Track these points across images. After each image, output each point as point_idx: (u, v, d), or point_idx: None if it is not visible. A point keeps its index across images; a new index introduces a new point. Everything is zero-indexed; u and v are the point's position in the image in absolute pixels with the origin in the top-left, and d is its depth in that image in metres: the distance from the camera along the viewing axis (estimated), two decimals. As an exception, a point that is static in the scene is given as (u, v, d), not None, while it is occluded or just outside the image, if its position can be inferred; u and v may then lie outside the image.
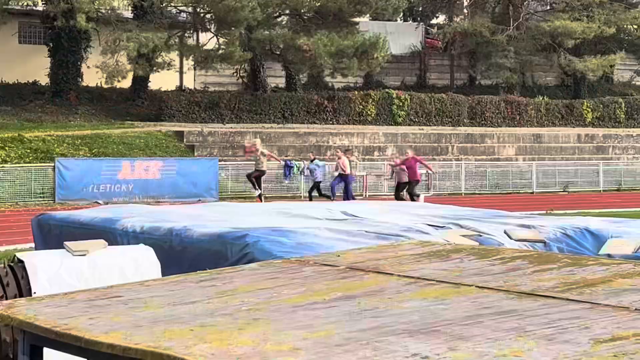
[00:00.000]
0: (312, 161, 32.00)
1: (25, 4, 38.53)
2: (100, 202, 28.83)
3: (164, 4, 39.76)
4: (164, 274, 9.60)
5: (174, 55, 40.93)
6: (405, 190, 29.98)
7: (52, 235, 12.44)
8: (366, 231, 10.94)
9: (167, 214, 12.69)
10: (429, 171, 33.21)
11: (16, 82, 42.08)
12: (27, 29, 43.33)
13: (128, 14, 41.04)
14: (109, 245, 9.67)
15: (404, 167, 29.89)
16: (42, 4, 39.11)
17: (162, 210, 13.92)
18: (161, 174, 31.24)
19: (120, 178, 30.75)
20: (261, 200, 26.32)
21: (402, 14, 47.85)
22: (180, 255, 10.60)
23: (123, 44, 36.62)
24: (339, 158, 30.48)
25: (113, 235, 11.24)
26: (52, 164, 29.86)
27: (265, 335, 2.97)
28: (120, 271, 9.19)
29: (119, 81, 38.77)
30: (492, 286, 3.61)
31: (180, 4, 40.61)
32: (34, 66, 41.79)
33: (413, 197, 29.10)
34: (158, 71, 39.78)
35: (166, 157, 33.51)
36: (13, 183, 29.48)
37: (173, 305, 3.42)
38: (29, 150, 31.71)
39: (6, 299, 8.62)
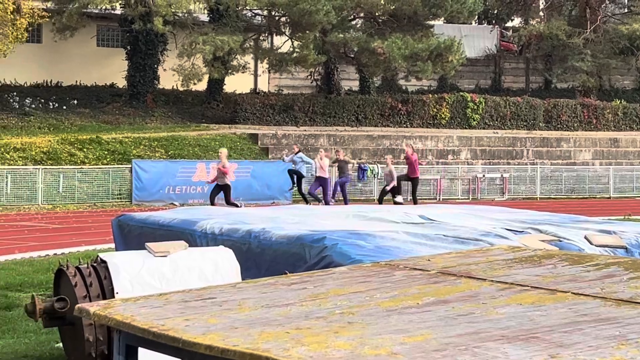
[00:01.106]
0: (296, 153, 29.95)
1: (103, 7, 39.06)
2: (176, 203, 29.14)
3: (239, 8, 40.01)
4: (242, 275, 9.67)
5: (248, 58, 41.20)
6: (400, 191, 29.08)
7: (131, 236, 12.58)
8: (444, 235, 10.88)
9: (244, 216, 12.75)
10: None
11: (94, 84, 42.76)
12: (105, 32, 43.97)
13: (204, 17, 41.39)
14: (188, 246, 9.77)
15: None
16: (120, 7, 39.63)
17: (239, 212, 14.01)
18: (236, 176, 31.43)
19: (196, 180, 31.02)
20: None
21: (477, 16, 47.51)
22: (258, 257, 10.65)
23: (199, 47, 36.96)
24: (321, 159, 28.91)
25: (192, 236, 11.33)
26: (129, 166, 30.24)
27: (362, 339, 2.96)
28: (201, 272, 9.26)
29: (194, 84, 39.15)
30: (588, 293, 3.56)
31: (255, 8, 40.84)
32: (112, 69, 42.41)
33: (394, 196, 28.29)
34: (233, 74, 40.07)
35: (240, 159, 33.71)
36: (91, 184, 29.92)
37: (267, 307, 3.43)
38: (106, 152, 32.17)
39: (90, 299, 8.74)
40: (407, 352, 2.81)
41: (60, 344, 9.49)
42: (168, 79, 40.65)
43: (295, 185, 29.60)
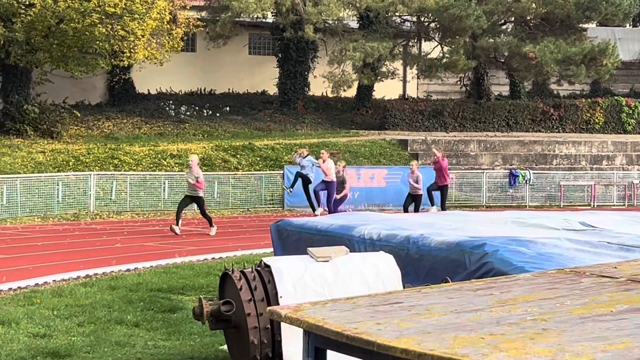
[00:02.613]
0: (305, 157, 27.03)
1: (255, 16, 39.74)
2: (327, 209, 29.36)
3: (389, 14, 40.08)
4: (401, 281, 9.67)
5: (398, 64, 41.21)
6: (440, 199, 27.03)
7: (289, 240, 12.75)
8: (608, 242, 10.64)
9: (401, 222, 12.75)
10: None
11: (246, 92, 43.55)
12: (257, 40, 44.72)
13: (354, 24, 41.63)
14: (347, 252, 9.82)
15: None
16: (272, 16, 40.25)
17: (396, 217, 14.04)
18: (386, 182, 31.48)
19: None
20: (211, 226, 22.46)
21: (632, 19, 46.31)
22: (417, 263, 10.63)
23: (349, 53, 37.18)
24: (323, 161, 25.56)
25: (350, 242, 11.40)
26: (281, 172, 30.65)
27: (561, 346, 2.93)
28: (362, 277, 9.30)
29: (344, 90, 39.40)
30: None
31: (405, 14, 40.83)
32: (263, 76, 43.11)
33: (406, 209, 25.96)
34: (382, 80, 40.16)
35: (390, 165, 33.73)
36: (244, 190, 30.45)
37: (456, 312, 3.42)
38: (258, 158, 32.69)
39: (254, 302, 8.90)
40: (610, 360, 2.77)
41: (225, 347, 9.68)
42: (318, 85, 41.07)
43: (291, 189, 27.54)
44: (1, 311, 12.05)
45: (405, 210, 25.78)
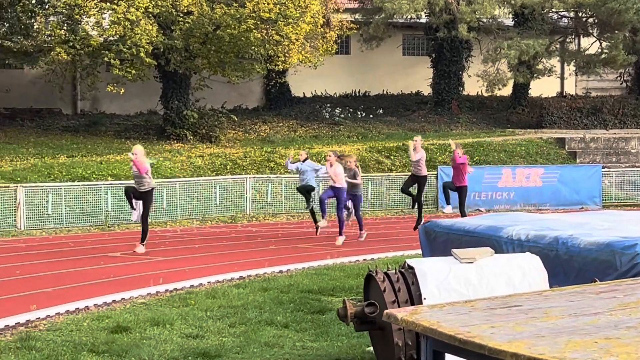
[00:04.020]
0: (304, 161, 23.51)
1: (409, 17, 39.73)
2: (482, 209, 29.11)
3: (544, 10, 39.38)
4: (550, 282, 9.51)
5: (554, 61, 40.47)
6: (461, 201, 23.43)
7: (437, 242, 12.69)
8: None
9: (551, 222, 12.52)
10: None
11: (400, 92, 43.60)
12: (411, 41, 44.70)
13: (509, 21, 41.11)
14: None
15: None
16: (425, 16, 40.16)
17: (546, 218, 13.79)
18: (542, 182, 30.95)
19: (501, 186, 30.82)
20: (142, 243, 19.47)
21: None
22: (566, 264, 10.43)
23: (504, 52, 36.76)
24: (330, 165, 21.73)
25: (498, 243, 11.27)
26: (435, 172, 30.52)
27: (679, 351, 2.85)
28: (508, 279, 9.19)
29: (499, 89, 38.97)
30: None
31: (561, 9, 40.04)
32: (417, 77, 43.06)
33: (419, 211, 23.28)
34: (538, 78, 39.53)
35: (547, 164, 33.15)
36: (398, 191, 30.44)
37: (574, 316, 3.37)
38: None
39: (398, 304, 8.91)
40: None
41: (371, 348, 9.73)
42: (472, 85, 40.75)
43: (311, 202, 23.41)
44: (157, 312, 12.44)
45: (406, 193, 23.90)
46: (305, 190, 23.23)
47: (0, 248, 20.65)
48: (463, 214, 22.39)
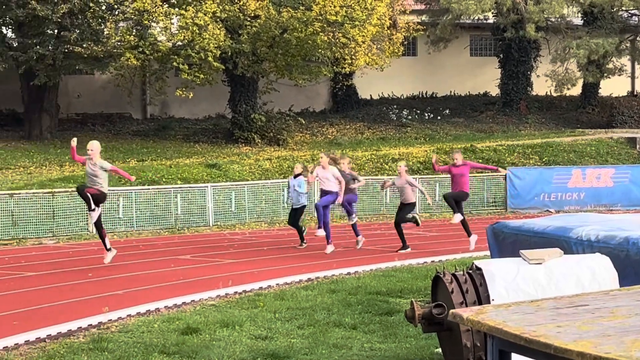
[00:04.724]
0: (295, 177, 21.28)
1: (476, 17, 39.56)
2: (551, 210, 28.84)
3: (614, 9, 38.91)
4: (620, 284, 9.41)
5: (624, 60, 39.97)
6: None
7: (506, 243, 12.62)
8: None
9: (621, 222, 12.39)
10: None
11: (468, 94, 43.41)
12: (478, 41, 44.48)
13: (577, 20, 40.69)
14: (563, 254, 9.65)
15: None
16: (493, 16, 39.94)
17: (616, 218, 13.63)
18: (613, 182, 30.55)
19: (571, 186, 30.48)
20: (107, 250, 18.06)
21: None
22: (637, 264, 10.31)
23: (573, 51, 36.41)
24: (323, 167, 19.84)
25: (567, 243, 11.18)
26: (504, 173, 30.31)
27: None
28: (577, 280, 9.12)
29: (568, 89, 38.60)
30: None
31: (631, 8, 39.53)
32: (484, 78, 42.83)
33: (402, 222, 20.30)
34: (608, 77, 39.07)
35: (618, 164, 32.71)
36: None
37: (641, 315, 3.36)
38: (480, 160, 32.46)
39: (466, 305, 8.89)
40: None
41: (439, 349, 9.73)
42: (541, 85, 40.42)
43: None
44: (226, 314, 12.56)
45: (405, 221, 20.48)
46: (297, 213, 21.07)
47: (73, 252, 21.01)
48: (456, 211, 20.13)
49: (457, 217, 20.25)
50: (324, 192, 19.87)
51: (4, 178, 27.75)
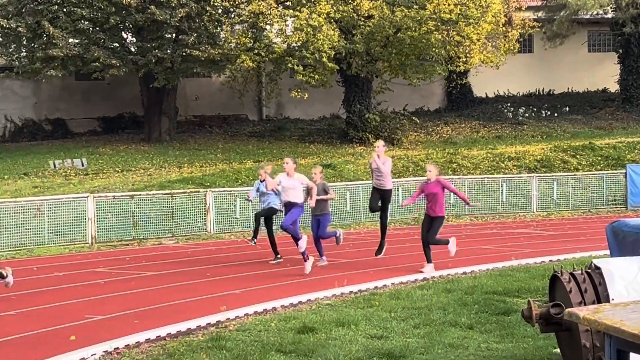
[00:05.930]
0: (262, 181, 19.09)
1: (594, 12, 38.83)
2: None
3: None
4: None
5: None
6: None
7: (626, 242, 12.36)
8: None
9: None
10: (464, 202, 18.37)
11: (586, 90, 42.63)
12: (596, 37, 43.65)
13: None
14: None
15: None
16: (612, 11, 39.14)
17: None
18: None
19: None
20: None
21: None
22: None
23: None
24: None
25: (688, 242, 10.92)
26: (623, 171, 29.69)
27: None
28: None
29: None
30: None
31: None
32: (603, 74, 42.00)
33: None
34: None
35: None
36: (584, 190, 29.80)
37: None
38: (599, 158, 31.88)
39: (584, 304, 8.74)
40: None
41: (558, 350, 9.58)
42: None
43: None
44: (342, 313, 12.61)
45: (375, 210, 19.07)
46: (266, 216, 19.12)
47: (192, 251, 21.38)
48: (428, 245, 16.99)
49: (429, 268, 16.80)
50: (288, 205, 17.28)
51: (125, 180, 28.41)
